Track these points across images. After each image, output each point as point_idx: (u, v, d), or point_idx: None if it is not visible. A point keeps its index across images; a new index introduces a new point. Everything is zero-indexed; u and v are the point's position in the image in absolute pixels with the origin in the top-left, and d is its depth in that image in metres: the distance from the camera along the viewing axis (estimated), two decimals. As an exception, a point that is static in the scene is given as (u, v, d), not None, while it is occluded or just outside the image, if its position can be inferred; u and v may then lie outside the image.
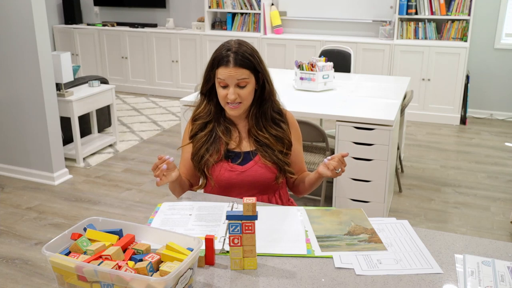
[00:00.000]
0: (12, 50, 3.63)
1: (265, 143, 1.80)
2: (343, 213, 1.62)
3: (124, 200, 3.57)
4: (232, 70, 1.70)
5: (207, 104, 1.84)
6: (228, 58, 1.70)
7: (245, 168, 1.80)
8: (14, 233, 3.10)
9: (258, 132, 1.81)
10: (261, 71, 1.77)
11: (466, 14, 5.16)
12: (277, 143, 1.82)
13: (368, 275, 1.28)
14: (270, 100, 1.82)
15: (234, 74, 1.70)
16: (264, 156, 1.80)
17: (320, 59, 3.59)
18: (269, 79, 1.81)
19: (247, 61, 1.71)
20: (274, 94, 1.85)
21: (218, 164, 1.80)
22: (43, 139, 3.74)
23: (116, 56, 6.65)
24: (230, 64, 1.70)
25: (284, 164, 1.82)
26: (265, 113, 1.82)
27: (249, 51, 1.73)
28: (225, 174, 1.80)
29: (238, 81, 1.71)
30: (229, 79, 1.71)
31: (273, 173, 1.81)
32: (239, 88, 1.73)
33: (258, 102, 1.82)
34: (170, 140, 4.85)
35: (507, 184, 3.84)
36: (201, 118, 1.84)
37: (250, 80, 1.74)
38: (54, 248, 1.23)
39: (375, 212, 3.02)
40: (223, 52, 1.72)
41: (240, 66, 1.70)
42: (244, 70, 1.71)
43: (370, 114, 2.95)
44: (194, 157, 1.84)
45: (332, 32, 5.94)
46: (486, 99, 5.56)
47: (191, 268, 1.18)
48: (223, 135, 1.82)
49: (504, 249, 1.40)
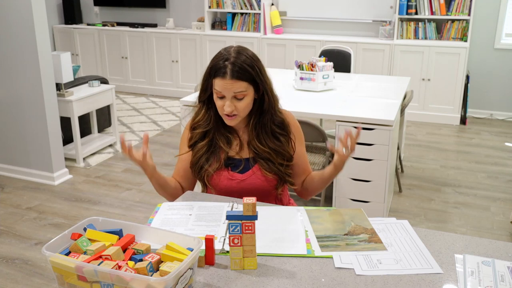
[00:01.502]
0: (12, 50, 3.63)
1: (265, 156, 1.76)
2: (343, 213, 1.62)
3: (124, 200, 3.57)
4: (228, 82, 1.61)
5: (206, 112, 1.77)
6: (225, 69, 1.61)
7: (245, 176, 1.77)
8: (14, 233, 3.10)
9: (258, 145, 1.74)
10: (261, 82, 1.68)
11: (466, 14, 5.16)
12: (277, 156, 1.76)
13: (368, 275, 1.28)
14: (269, 112, 1.74)
15: (230, 87, 1.62)
16: (264, 168, 1.75)
17: (320, 59, 3.59)
18: (269, 90, 1.72)
19: (245, 72, 1.62)
20: (275, 104, 1.77)
21: (218, 173, 1.77)
22: (43, 139, 3.74)
23: (116, 56, 6.65)
24: (227, 76, 1.61)
25: (284, 175, 1.78)
26: (265, 125, 1.74)
27: (248, 61, 1.64)
28: (225, 182, 1.77)
29: (235, 94, 1.63)
30: (226, 91, 1.63)
31: (272, 183, 1.78)
32: (236, 100, 1.65)
33: (258, 113, 1.74)
34: (170, 140, 4.85)
35: (507, 184, 3.85)
36: (200, 127, 1.78)
37: (248, 92, 1.66)
38: (54, 248, 1.23)
39: (375, 212, 3.02)
40: (221, 63, 1.63)
41: (238, 78, 1.61)
42: (241, 82, 1.62)
43: (370, 114, 2.95)
44: (193, 166, 1.80)
45: (332, 32, 5.94)
46: (486, 99, 5.56)
47: (191, 268, 1.18)
48: (223, 144, 1.77)
49: (504, 249, 1.40)
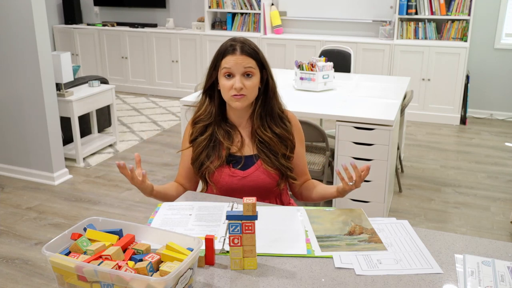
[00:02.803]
0: (12, 50, 3.63)
1: (268, 147, 1.76)
2: (343, 213, 1.62)
3: (124, 200, 3.57)
4: (239, 57, 1.68)
5: (208, 104, 1.79)
6: (235, 47, 1.69)
7: (246, 173, 1.77)
8: (14, 233, 3.10)
9: (263, 132, 1.76)
10: (266, 65, 1.76)
11: (466, 14, 5.16)
12: (281, 145, 1.77)
13: (368, 275, 1.28)
14: (275, 96, 1.80)
15: (241, 62, 1.67)
16: (266, 162, 1.76)
17: (320, 59, 3.59)
18: (272, 76, 1.79)
19: (254, 52, 1.71)
20: (276, 91, 1.83)
21: (219, 169, 1.76)
22: (43, 139, 3.74)
23: (116, 56, 6.65)
24: (237, 52, 1.68)
25: (286, 169, 1.78)
26: (272, 110, 1.78)
27: (254, 45, 1.73)
28: (226, 179, 1.76)
29: (245, 69, 1.68)
30: (236, 66, 1.67)
31: (274, 179, 1.78)
32: (245, 78, 1.69)
33: (263, 100, 1.78)
34: (170, 140, 4.85)
35: (507, 184, 3.84)
36: (201, 121, 1.79)
37: (256, 72, 1.71)
38: (54, 248, 1.23)
39: (375, 212, 3.02)
40: (229, 43, 1.71)
41: (248, 55, 1.69)
42: (251, 59, 1.69)
43: (370, 114, 2.95)
44: (194, 162, 1.80)
45: (332, 32, 5.94)
46: (486, 99, 5.56)
47: (191, 268, 1.18)
48: (224, 139, 1.77)
49: (504, 249, 1.40)
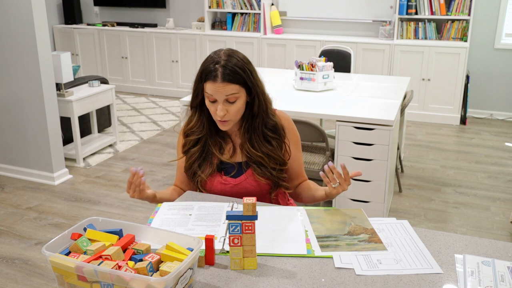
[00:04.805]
0: (12, 50, 3.63)
1: (257, 160, 1.74)
2: (343, 213, 1.62)
3: (124, 200, 3.57)
4: (220, 85, 1.59)
5: (198, 118, 1.75)
6: (216, 72, 1.59)
7: (238, 181, 1.76)
8: (14, 233, 3.10)
9: (250, 149, 1.73)
10: (252, 85, 1.66)
11: (466, 14, 5.16)
12: (270, 161, 1.73)
13: (368, 275, 1.28)
14: (261, 116, 1.72)
15: (222, 90, 1.60)
16: (257, 172, 1.74)
17: (320, 59, 3.59)
18: (261, 93, 1.70)
19: (236, 75, 1.60)
20: (268, 107, 1.74)
21: (211, 177, 1.76)
22: (43, 139, 3.74)
23: (116, 56, 6.65)
24: (218, 79, 1.59)
25: (278, 179, 1.76)
26: (256, 129, 1.72)
27: (239, 64, 1.62)
28: (218, 187, 1.76)
29: (226, 97, 1.61)
30: (217, 94, 1.60)
31: (266, 188, 1.77)
32: (228, 103, 1.63)
33: (250, 116, 1.72)
34: (170, 140, 4.85)
35: (507, 184, 3.84)
36: (193, 134, 1.77)
37: (240, 95, 1.64)
38: (54, 248, 1.23)
39: (375, 212, 3.02)
40: (211, 66, 1.61)
41: (229, 81, 1.59)
42: (233, 85, 1.60)
43: (370, 114, 2.95)
44: (187, 171, 1.80)
45: (332, 32, 5.94)
46: (486, 99, 5.56)
47: (191, 268, 1.18)
48: (215, 150, 1.76)
49: (504, 249, 1.40)
